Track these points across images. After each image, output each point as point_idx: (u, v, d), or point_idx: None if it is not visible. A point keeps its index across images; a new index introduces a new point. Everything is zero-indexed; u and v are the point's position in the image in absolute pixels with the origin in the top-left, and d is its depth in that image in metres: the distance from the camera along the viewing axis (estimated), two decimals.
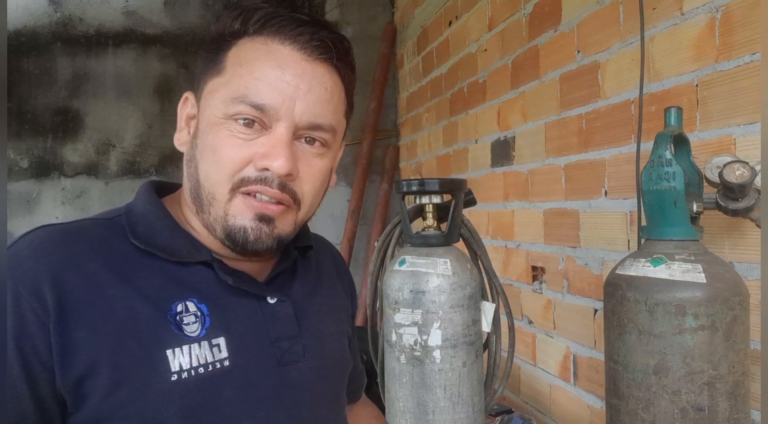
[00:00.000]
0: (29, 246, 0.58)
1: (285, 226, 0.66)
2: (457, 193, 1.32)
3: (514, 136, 1.93)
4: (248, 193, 0.63)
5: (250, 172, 0.62)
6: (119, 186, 3.16)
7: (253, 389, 0.64)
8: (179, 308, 0.62)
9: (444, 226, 1.33)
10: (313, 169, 0.67)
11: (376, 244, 1.49)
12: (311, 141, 0.66)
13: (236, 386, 0.63)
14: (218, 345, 0.63)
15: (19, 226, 2.97)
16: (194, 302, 0.63)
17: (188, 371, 0.60)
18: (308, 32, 0.64)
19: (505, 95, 1.98)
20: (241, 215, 0.63)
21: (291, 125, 0.63)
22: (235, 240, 0.63)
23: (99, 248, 0.62)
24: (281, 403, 0.67)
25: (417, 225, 1.36)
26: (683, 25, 1.18)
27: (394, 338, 1.25)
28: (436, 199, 1.31)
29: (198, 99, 0.68)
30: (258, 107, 0.61)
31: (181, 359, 0.60)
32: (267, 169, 0.62)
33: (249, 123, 0.62)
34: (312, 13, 0.70)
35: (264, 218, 0.63)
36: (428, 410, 1.23)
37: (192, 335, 0.62)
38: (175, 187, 0.72)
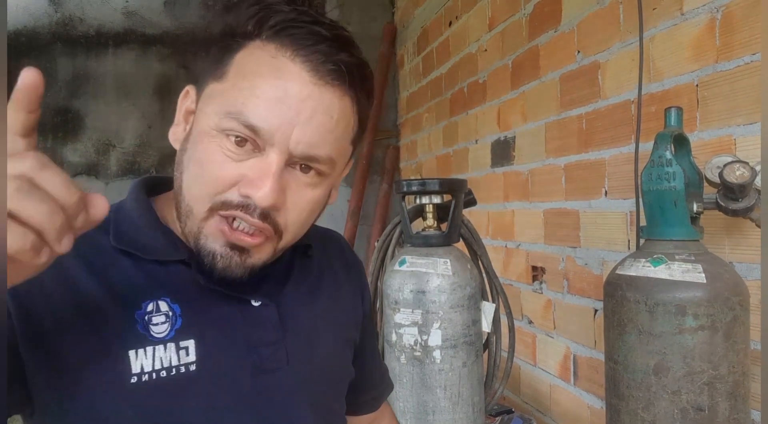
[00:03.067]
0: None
1: (261, 255, 0.62)
2: (457, 194, 1.32)
3: (514, 137, 1.93)
4: (226, 217, 0.59)
5: (233, 196, 0.58)
6: (119, 186, 3.16)
7: (220, 395, 0.61)
8: (150, 307, 0.60)
9: (444, 226, 1.33)
10: (303, 199, 0.62)
11: (376, 244, 1.49)
12: (306, 169, 0.61)
13: (202, 392, 0.60)
14: (186, 348, 0.60)
15: None
16: (167, 302, 0.61)
17: (149, 373, 0.57)
18: (324, 52, 0.58)
19: (505, 95, 1.98)
20: (214, 237, 0.59)
21: (284, 153, 0.58)
22: (202, 262, 0.60)
23: (79, 243, 0.60)
24: (251, 411, 0.63)
25: (417, 225, 1.36)
26: (683, 25, 1.18)
27: (394, 338, 1.25)
28: (437, 200, 1.31)
29: (197, 98, 0.65)
30: (252, 128, 0.57)
31: (143, 361, 0.57)
32: (249, 197, 0.58)
33: (241, 141, 0.58)
34: (336, 25, 0.62)
35: (236, 247, 0.59)
36: (428, 410, 1.23)
37: (158, 335, 0.59)
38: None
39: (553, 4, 1.66)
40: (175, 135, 0.67)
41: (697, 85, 1.15)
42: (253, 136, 0.58)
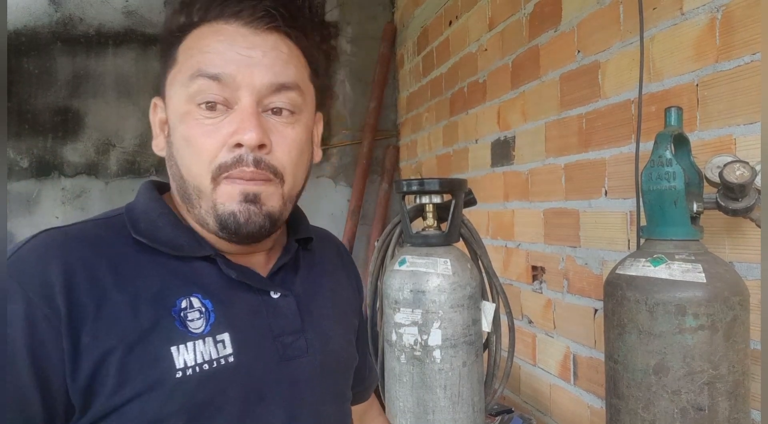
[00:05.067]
0: (35, 251, 0.58)
1: (273, 202, 0.64)
2: (457, 193, 1.32)
3: (514, 136, 1.93)
4: (229, 178, 0.62)
5: (224, 156, 0.61)
6: (119, 186, 3.16)
7: (254, 384, 0.64)
8: (183, 304, 0.62)
9: (444, 226, 1.33)
10: (287, 138, 0.65)
11: (376, 244, 1.49)
12: (278, 111, 0.64)
13: (240, 382, 0.63)
14: (223, 341, 0.62)
15: (19, 226, 2.97)
16: (198, 298, 0.63)
17: (192, 367, 0.59)
18: (250, 6, 0.63)
19: (505, 95, 1.98)
20: (229, 200, 0.62)
21: (253, 93, 0.62)
22: (227, 227, 0.62)
23: (102, 250, 0.61)
24: (282, 399, 0.66)
25: (417, 225, 1.36)
26: (683, 25, 1.18)
27: (394, 337, 1.25)
28: (436, 199, 1.31)
29: (164, 100, 0.68)
30: (215, 77, 0.61)
31: (185, 356, 0.59)
32: (239, 146, 0.61)
33: (212, 106, 0.62)
34: None
35: (249, 198, 0.62)
36: (428, 409, 1.23)
37: (196, 331, 0.61)
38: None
39: (553, 3, 1.66)
40: (158, 146, 0.70)
41: (697, 85, 1.15)
42: (220, 91, 0.61)
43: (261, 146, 0.62)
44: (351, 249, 3.23)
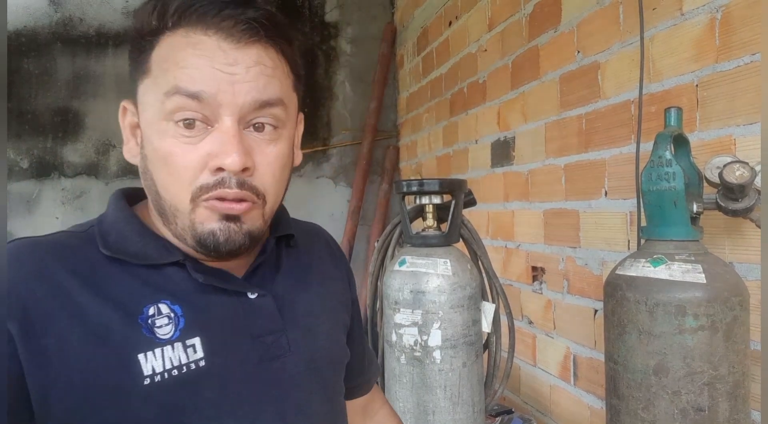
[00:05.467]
0: (2, 259, 0.58)
1: (253, 221, 0.63)
2: (457, 194, 1.32)
3: (514, 137, 1.93)
4: (209, 200, 0.60)
5: (206, 178, 0.59)
6: (119, 186, 3.10)
7: (232, 386, 0.63)
8: (151, 311, 0.61)
9: (444, 226, 1.33)
10: (269, 157, 0.63)
11: (376, 244, 1.49)
12: (260, 127, 0.62)
13: (215, 386, 0.62)
14: (193, 346, 0.61)
15: (20, 226, 2.97)
16: (167, 304, 0.62)
17: (161, 374, 0.59)
18: (232, 16, 0.59)
19: (505, 95, 1.98)
20: (208, 219, 0.61)
21: (235, 112, 0.59)
22: (206, 246, 0.61)
23: (68, 258, 0.61)
24: (266, 399, 0.65)
25: (417, 225, 1.36)
26: (683, 25, 1.18)
27: (394, 338, 1.25)
28: (436, 200, 1.31)
29: (136, 106, 0.66)
30: (194, 96, 0.58)
31: (153, 363, 0.59)
32: (222, 169, 0.59)
33: (190, 123, 0.59)
34: None
35: (230, 218, 0.61)
36: (428, 410, 1.23)
37: (164, 337, 0.60)
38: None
39: (553, 4, 1.66)
40: (130, 152, 0.68)
41: (697, 86, 1.15)
42: (199, 108, 0.58)
43: (244, 170, 0.60)
44: (351, 249, 3.23)
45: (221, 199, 0.60)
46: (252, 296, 0.68)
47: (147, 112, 0.62)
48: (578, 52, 1.54)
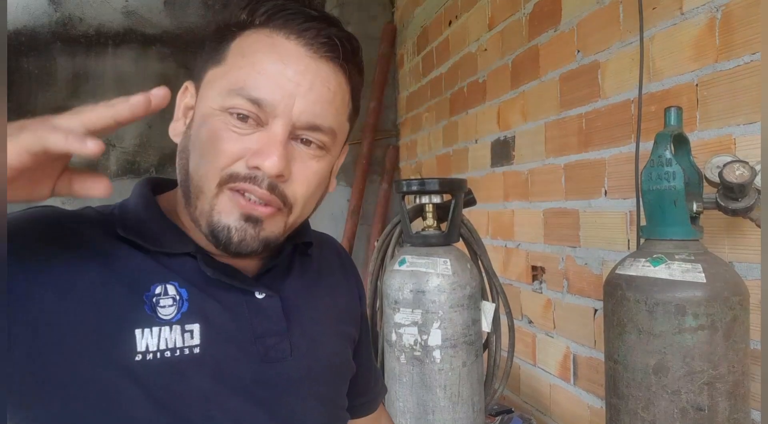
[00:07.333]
0: (26, 213, 0.60)
1: (273, 228, 0.63)
2: (457, 193, 1.32)
3: (514, 136, 1.93)
4: (236, 190, 0.61)
5: (240, 168, 0.60)
6: (119, 186, 3.12)
7: (224, 381, 0.63)
8: (158, 290, 0.61)
9: (444, 226, 1.33)
10: (308, 170, 0.64)
11: (376, 244, 1.49)
12: (307, 143, 0.63)
13: (206, 375, 0.62)
14: (191, 331, 0.62)
15: None
16: (175, 286, 0.62)
17: (154, 353, 0.59)
18: (315, 28, 0.62)
19: (505, 95, 1.98)
20: (227, 212, 0.61)
21: (288, 124, 0.60)
22: (217, 238, 0.62)
23: (85, 230, 0.61)
24: (258, 399, 0.65)
25: (417, 225, 1.36)
26: (683, 25, 1.18)
27: (394, 337, 1.25)
28: (436, 199, 1.31)
29: (197, 89, 0.66)
30: (255, 102, 0.60)
31: (149, 341, 0.59)
32: (258, 168, 0.60)
33: (243, 118, 0.60)
34: (321, 9, 0.66)
35: (251, 219, 0.61)
36: (428, 409, 1.23)
37: (165, 317, 0.61)
38: (175, 184, 0.71)
39: (552, 3, 1.66)
40: (174, 130, 0.69)
41: (697, 85, 1.15)
42: (257, 111, 0.60)
43: (279, 175, 0.60)
44: (351, 249, 3.23)
45: (244, 192, 0.61)
46: (260, 296, 0.68)
47: (207, 99, 0.63)
48: (578, 51, 1.54)
